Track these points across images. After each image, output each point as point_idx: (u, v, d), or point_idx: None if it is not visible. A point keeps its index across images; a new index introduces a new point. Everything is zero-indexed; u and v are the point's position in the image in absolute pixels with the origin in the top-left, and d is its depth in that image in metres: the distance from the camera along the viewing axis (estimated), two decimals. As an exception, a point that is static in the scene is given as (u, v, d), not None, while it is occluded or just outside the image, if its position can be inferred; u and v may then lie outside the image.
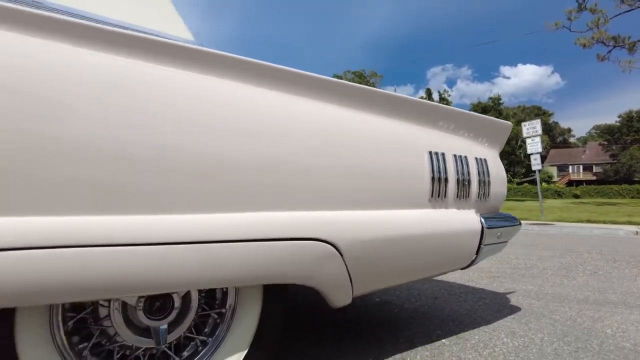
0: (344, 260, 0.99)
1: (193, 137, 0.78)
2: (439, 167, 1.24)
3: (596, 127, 55.20)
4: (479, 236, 1.36)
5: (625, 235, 6.09)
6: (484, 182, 1.41)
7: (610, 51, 17.35)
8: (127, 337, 0.84)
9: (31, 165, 0.62)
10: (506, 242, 1.53)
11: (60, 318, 0.78)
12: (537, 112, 52.97)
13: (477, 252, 1.39)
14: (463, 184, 1.32)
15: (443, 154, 1.27)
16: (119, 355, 0.86)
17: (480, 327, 1.72)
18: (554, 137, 56.84)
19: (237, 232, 0.82)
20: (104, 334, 0.85)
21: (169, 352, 0.92)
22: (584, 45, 17.51)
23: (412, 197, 1.17)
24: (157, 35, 0.94)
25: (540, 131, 8.85)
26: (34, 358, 0.74)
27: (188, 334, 0.95)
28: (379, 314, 1.92)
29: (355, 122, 1.08)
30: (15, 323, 0.71)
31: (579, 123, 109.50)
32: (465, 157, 1.34)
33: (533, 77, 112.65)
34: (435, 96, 38.78)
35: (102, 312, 0.84)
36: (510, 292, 2.40)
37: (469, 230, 1.33)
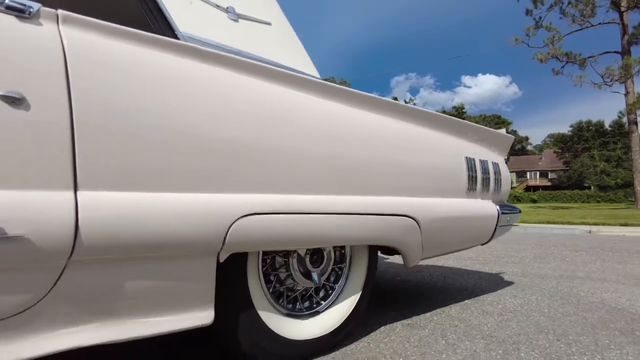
0: (420, 232, 1.45)
1: (361, 154, 1.27)
2: (471, 167, 1.73)
3: (550, 136, 58.69)
4: (496, 219, 1.86)
5: (581, 233, 6.94)
6: (498, 180, 1.92)
7: (563, 66, 18.96)
8: (298, 278, 1.26)
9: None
10: (512, 225, 2.05)
11: (260, 263, 1.19)
12: (497, 120, 55.87)
13: (494, 232, 1.89)
14: (485, 180, 1.82)
15: (473, 159, 1.76)
16: (284, 295, 1.28)
17: (489, 293, 2.23)
18: (513, 144, 59.91)
19: (370, 208, 1.27)
20: (277, 279, 1.27)
21: (312, 293, 1.35)
22: (541, 60, 19.01)
23: (457, 189, 1.65)
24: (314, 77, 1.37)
25: (506, 140, 9.73)
26: (252, 284, 1.15)
27: (324, 282, 1.38)
28: (408, 287, 2.39)
29: (430, 138, 1.55)
30: (247, 266, 1.12)
31: (536, 131, 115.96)
32: (486, 160, 1.85)
33: (493, 87, 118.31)
34: (403, 104, 39.98)
35: (278, 262, 1.26)
36: (501, 273, 2.94)
37: (490, 214, 1.83)
